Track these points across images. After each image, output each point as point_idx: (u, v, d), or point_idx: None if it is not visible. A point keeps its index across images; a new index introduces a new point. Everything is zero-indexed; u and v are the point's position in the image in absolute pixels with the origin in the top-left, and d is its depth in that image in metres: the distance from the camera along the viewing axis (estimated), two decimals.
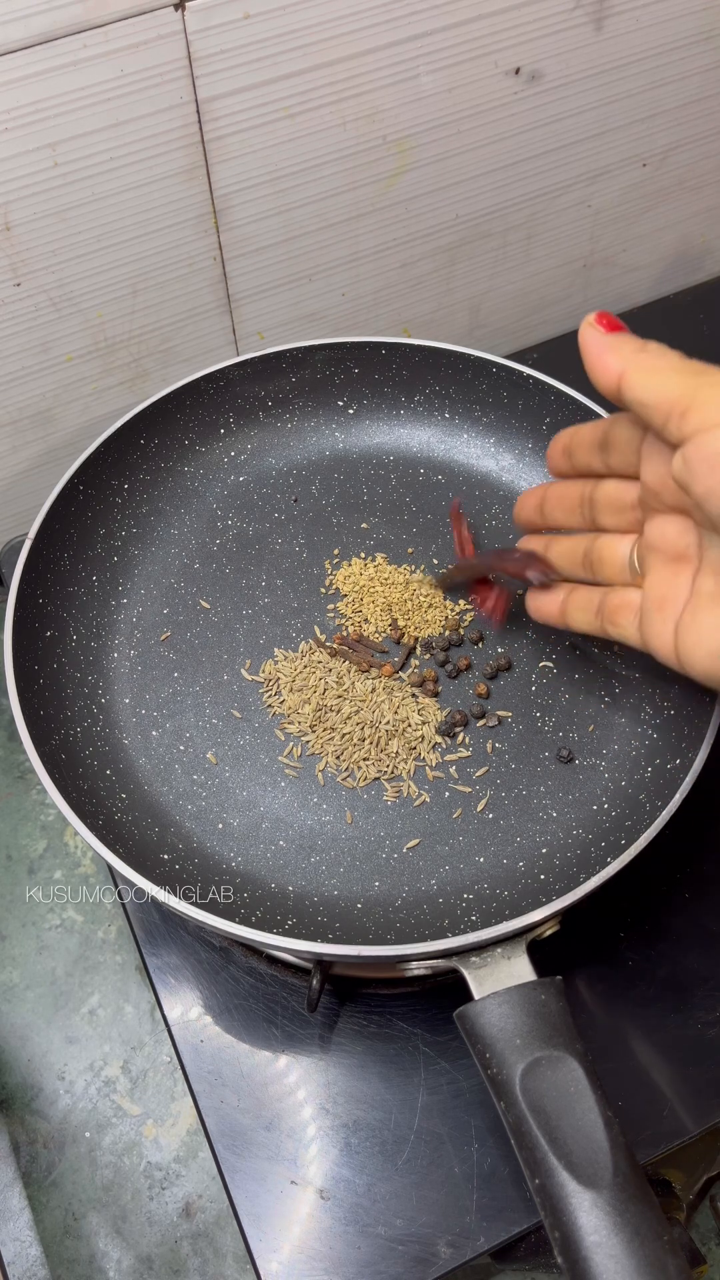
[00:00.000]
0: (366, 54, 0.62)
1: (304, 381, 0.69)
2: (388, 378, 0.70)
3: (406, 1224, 0.51)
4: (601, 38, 0.69)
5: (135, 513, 0.66)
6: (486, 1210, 0.51)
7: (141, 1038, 0.63)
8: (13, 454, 0.73)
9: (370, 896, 0.54)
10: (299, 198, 0.68)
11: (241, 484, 0.69)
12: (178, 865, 0.54)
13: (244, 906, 0.52)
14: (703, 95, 0.76)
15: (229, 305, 0.72)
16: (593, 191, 0.79)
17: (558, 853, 0.55)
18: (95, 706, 0.60)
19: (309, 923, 0.52)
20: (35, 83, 0.55)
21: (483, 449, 0.70)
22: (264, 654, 0.63)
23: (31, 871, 0.69)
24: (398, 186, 0.71)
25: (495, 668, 0.62)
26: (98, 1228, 0.59)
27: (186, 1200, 0.60)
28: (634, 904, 0.59)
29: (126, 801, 0.56)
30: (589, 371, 0.45)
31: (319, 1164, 0.53)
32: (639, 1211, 0.41)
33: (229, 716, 0.60)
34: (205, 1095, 0.55)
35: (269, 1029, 0.56)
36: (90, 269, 0.65)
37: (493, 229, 0.77)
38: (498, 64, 0.67)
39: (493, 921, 0.49)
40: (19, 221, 0.60)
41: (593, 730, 0.60)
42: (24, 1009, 0.65)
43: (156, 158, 0.61)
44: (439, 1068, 0.55)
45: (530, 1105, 0.43)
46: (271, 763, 0.59)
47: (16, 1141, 0.61)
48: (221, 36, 0.58)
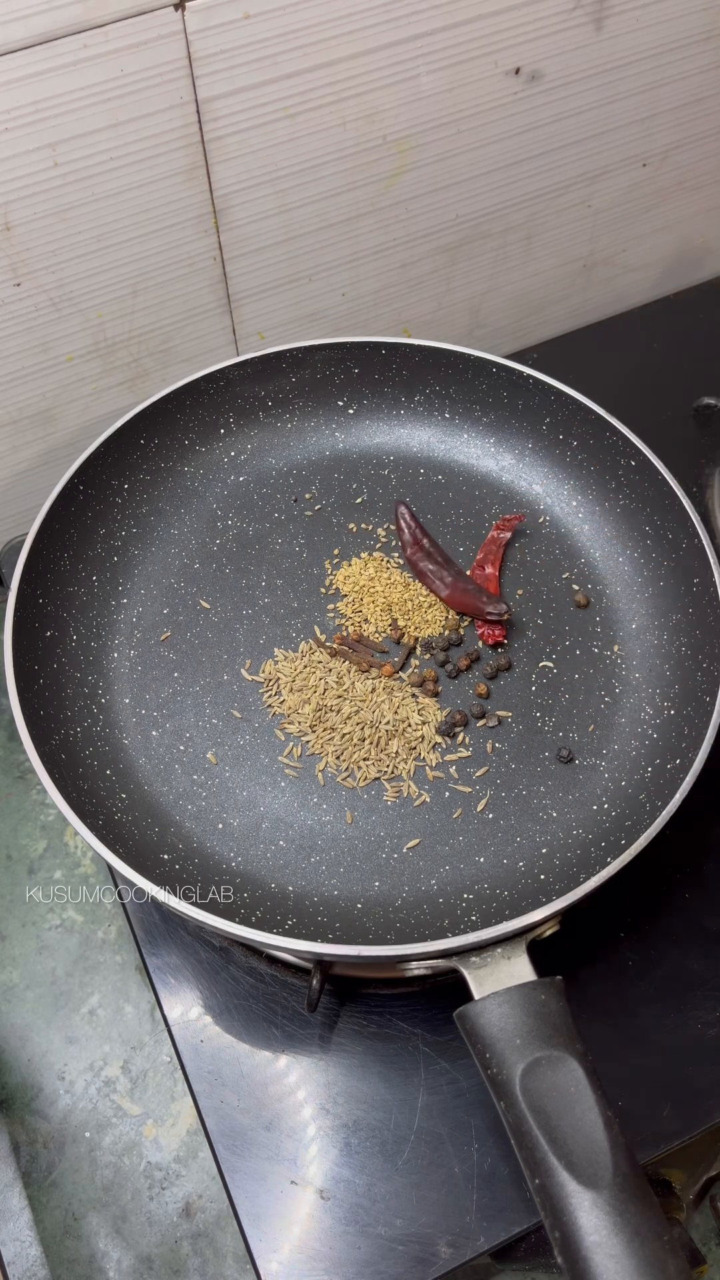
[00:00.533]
0: (366, 54, 0.62)
1: (304, 381, 0.69)
2: (388, 378, 0.70)
3: (406, 1224, 0.51)
4: (601, 38, 0.69)
5: (135, 513, 0.66)
6: (486, 1210, 0.51)
7: (141, 1038, 0.63)
8: (13, 454, 0.73)
9: (370, 896, 0.54)
10: (299, 198, 0.68)
11: (241, 484, 0.69)
12: (178, 865, 0.54)
13: (244, 906, 0.52)
14: (703, 95, 0.76)
15: (229, 305, 0.72)
16: (593, 191, 0.79)
17: (558, 853, 0.55)
18: (95, 706, 0.60)
19: (309, 923, 0.52)
20: (35, 83, 0.55)
21: (483, 449, 0.70)
22: (264, 654, 0.63)
23: (31, 871, 0.69)
24: (398, 186, 0.71)
25: (495, 668, 0.62)
26: (98, 1228, 0.59)
27: (186, 1200, 0.60)
28: (634, 904, 0.59)
29: (126, 801, 0.56)
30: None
31: (319, 1164, 0.53)
32: (639, 1211, 0.41)
33: (229, 716, 0.60)
34: (205, 1095, 0.55)
35: (269, 1029, 0.56)
36: (90, 269, 0.65)
37: (493, 229, 0.77)
38: (498, 64, 0.67)
39: (493, 921, 0.49)
40: (19, 221, 0.60)
41: (593, 730, 0.60)
42: (24, 1009, 0.65)
43: (156, 158, 0.61)
44: (439, 1068, 0.55)
45: (530, 1105, 0.43)
46: (271, 763, 0.59)
47: (16, 1141, 0.61)
48: (221, 36, 0.58)
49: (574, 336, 0.87)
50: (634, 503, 0.65)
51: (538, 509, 0.68)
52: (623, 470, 0.65)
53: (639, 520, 0.65)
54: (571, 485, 0.68)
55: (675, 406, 0.78)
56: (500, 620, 0.62)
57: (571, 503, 0.68)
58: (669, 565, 0.63)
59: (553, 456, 0.68)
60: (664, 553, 0.63)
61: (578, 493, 0.68)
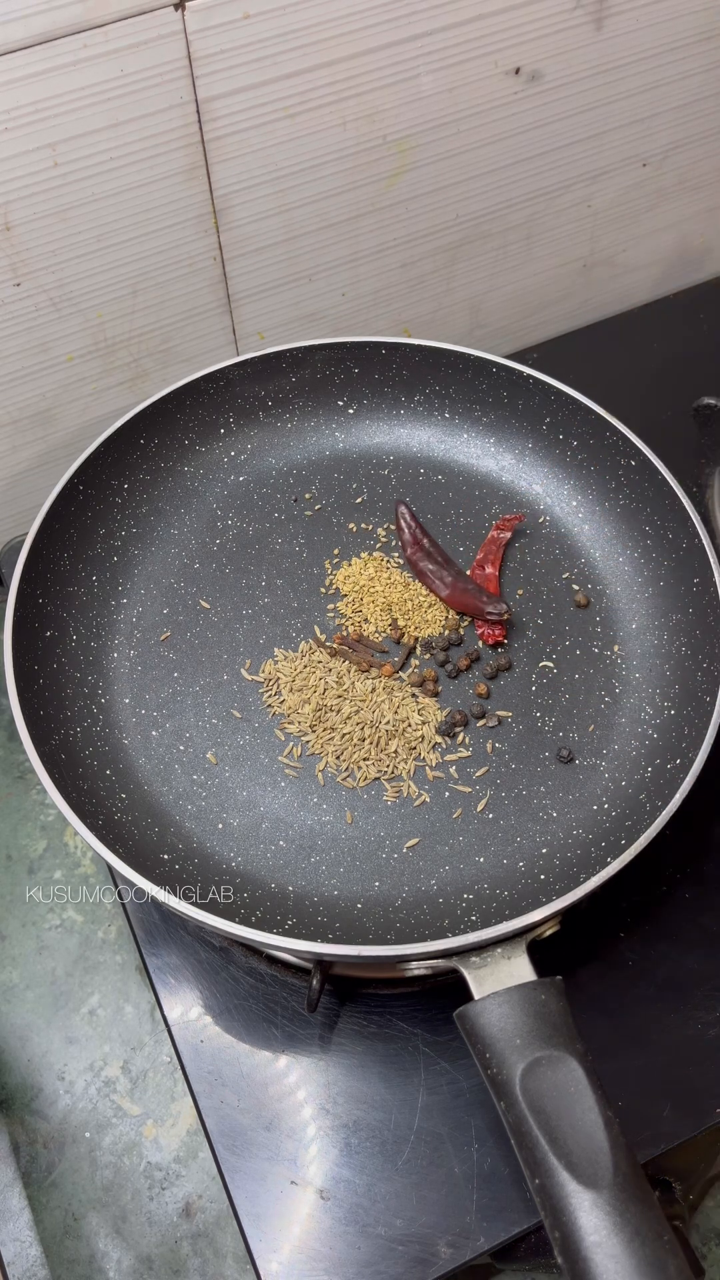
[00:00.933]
0: (366, 54, 0.62)
1: (304, 381, 0.69)
2: (388, 378, 0.70)
3: (406, 1224, 0.51)
4: (601, 38, 0.69)
5: (135, 513, 0.66)
6: (486, 1210, 0.51)
7: (141, 1038, 0.63)
8: (13, 454, 0.73)
9: (370, 896, 0.54)
10: (299, 198, 0.68)
11: (241, 484, 0.69)
12: (178, 865, 0.54)
13: (244, 906, 0.52)
14: (703, 95, 0.76)
15: (229, 305, 0.72)
16: (593, 191, 0.79)
17: (558, 853, 0.55)
18: (95, 706, 0.60)
19: (309, 923, 0.52)
20: (35, 83, 0.55)
21: (483, 449, 0.70)
22: (264, 654, 0.63)
23: (31, 871, 0.69)
24: (398, 186, 0.71)
25: (495, 668, 0.62)
26: (98, 1228, 0.59)
27: (186, 1200, 0.60)
28: (634, 904, 0.59)
29: (126, 801, 0.56)
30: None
31: (319, 1164, 0.53)
32: (639, 1211, 0.41)
33: (229, 716, 0.60)
34: (205, 1095, 0.55)
35: (269, 1029, 0.56)
36: (90, 269, 0.65)
37: (493, 229, 0.77)
38: (498, 64, 0.67)
39: (493, 921, 0.49)
40: (19, 221, 0.60)
41: (593, 730, 0.60)
42: (24, 1009, 0.65)
43: (156, 158, 0.61)
44: (439, 1068, 0.55)
45: (530, 1105, 0.43)
46: (271, 763, 0.59)
47: (16, 1141, 0.61)
48: (221, 36, 0.58)
49: (574, 336, 0.87)
50: (634, 503, 0.65)
51: (538, 509, 0.68)
52: (623, 470, 0.65)
53: (639, 520, 0.65)
54: (571, 485, 0.68)
55: (675, 406, 0.78)
56: (500, 620, 0.62)
57: (571, 503, 0.68)
58: (669, 565, 0.63)
59: (553, 456, 0.68)
60: (664, 553, 0.63)
61: (578, 493, 0.68)
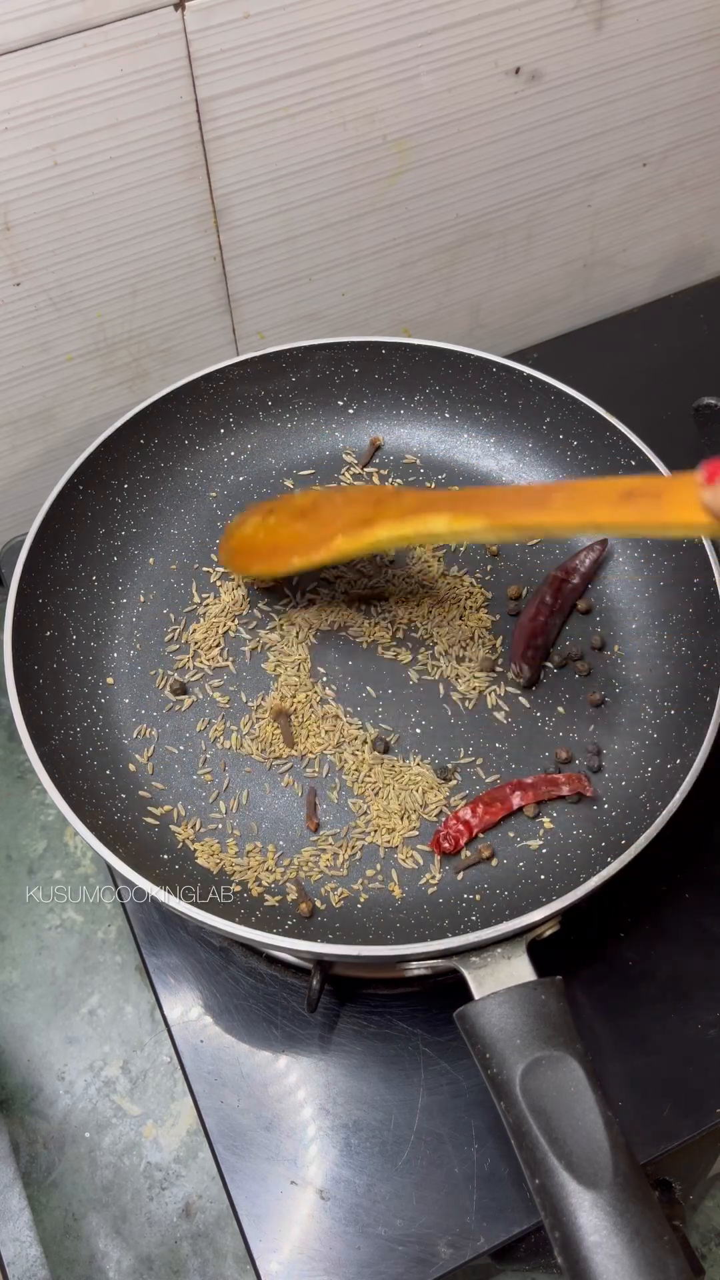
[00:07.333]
0: (366, 54, 0.62)
1: (304, 381, 0.69)
2: (388, 378, 0.70)
3: (406, 1224, 0.51)
4: (601, 38, 0.69)
5: (135, 513, 0.66)
6: (486, 1210, 0.51)
7: (141, 1038, 0.63)
8: (13, 454, 0.73)
9: (370, 896, 0.54)
10: (299, 197, 0.68)
11: (241, 484, 0.69)
12: (178, 865, 0.54)
13: (244, 906, 0.52)
14: (703, 95, 0.76)
15: (229, 305, 0.72)
16: (593, 191, 0.79)
17: (558, 853, 0.55)
18: (95, 706, 0.60)
19: (309, 923, 0.52)
20: (35, 83, 0.55)
21: (483, 449, 0.70)
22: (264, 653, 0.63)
23: (31, 871, 0.69)
24: (398, 186, 0.71)
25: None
26: (98, 1228, 0.59)
27: (186, 1200, 0.60)
28: (634, 904, 0.59)
29: (126, 801, 0.56)
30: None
31: (319, 1164, 0.53)
32: (639, 1211, 0.41)
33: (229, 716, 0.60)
34: (205, 1095, 0.55)
35: (269, 1029, 0.56)
36: (90, 269, 0.65)
37: (493, 229, 0.77)
38: (498, 64, 0.67)
39: (493, 921, 0.49)
40: (19, 221, 0.60)
41: (593, 730, 0.60)
42: (24, 1009, 0.65)
43: (156, 157, 0.61)
44: (439, 1068, 0.55)
45: (530, 1105, 0.43)
46: (271, 763, 0.59)
47: (16, 1142, 0.61)
48: (221, 36, 0.58)
49: (574, 336, 0.86)
50: None
51: None
52: (623, 470, 0.65)
53: None
54: None
55: (675, 406, 0.78)
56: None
57: None
58: (669, 565, 0.63)
59: (553, 456, 0.68)
60: (664, 552, 0.63)
61: None
